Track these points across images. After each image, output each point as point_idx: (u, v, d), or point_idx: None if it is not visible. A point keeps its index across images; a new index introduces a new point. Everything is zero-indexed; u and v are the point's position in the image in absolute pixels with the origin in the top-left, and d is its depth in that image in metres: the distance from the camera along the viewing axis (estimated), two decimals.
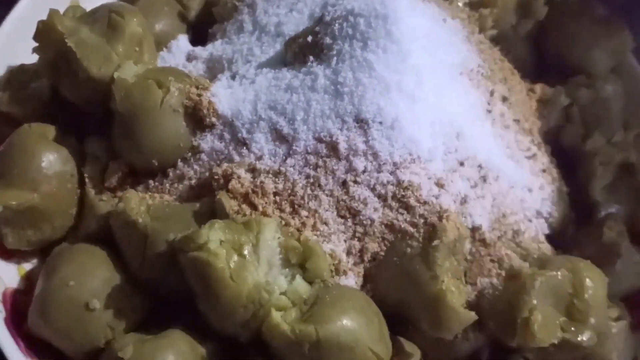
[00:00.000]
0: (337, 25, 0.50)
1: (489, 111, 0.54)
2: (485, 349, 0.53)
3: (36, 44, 0.53)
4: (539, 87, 0.61)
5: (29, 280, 0.53)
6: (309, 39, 0.51)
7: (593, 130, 0.61)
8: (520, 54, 0.66)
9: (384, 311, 0.47)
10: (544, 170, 0.57)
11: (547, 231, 0.56)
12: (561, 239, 0.58)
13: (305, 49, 0.51)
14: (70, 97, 0.53)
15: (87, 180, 0.51)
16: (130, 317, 0.47)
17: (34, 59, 0.56)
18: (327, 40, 0.50)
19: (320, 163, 0.48)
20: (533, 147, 0.57)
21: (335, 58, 0.49)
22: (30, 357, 0.47)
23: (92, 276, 0.47)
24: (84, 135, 0.54)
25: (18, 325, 0.49)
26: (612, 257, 0.55)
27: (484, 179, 0.52)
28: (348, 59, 0.49)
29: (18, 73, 0.57)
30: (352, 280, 0.48)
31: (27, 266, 0.53)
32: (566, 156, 0.61)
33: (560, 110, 0.62)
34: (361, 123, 0.48)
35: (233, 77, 0.53)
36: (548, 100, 0.61)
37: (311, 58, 0.50)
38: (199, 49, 0.58)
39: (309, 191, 0.48)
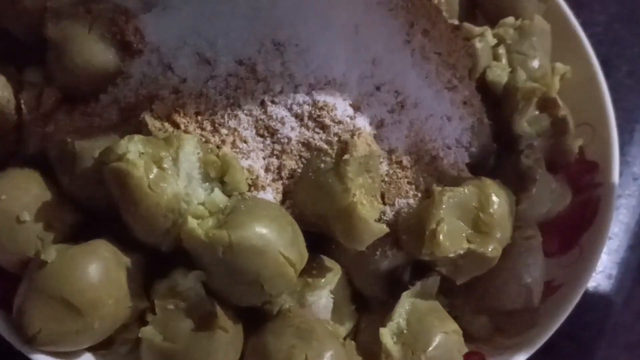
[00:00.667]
0: None
1: (408, 41, 0.56)
2: (406, 270, 0.56)
3: None
4: (464, 26, 0.64)
5: None
6: None
7: (517, 68, 0.64)
8: None
9: (305, 228, 0.50)
10: (465, 102, 0.60)
11: (467, 160, 0.59)
12: (483, 168, 0.61)
13: None
14: (11, 29, 0.56)
15: (23, 106, 0.54)
16: (59, 230, 0.50)
17: None
18: None
19: (240, 84, 0.51)
20: (454, 79, 0.60)
21: None
22: None
23: (23, 192, 0.50)
24: (24, 66, 0.56)
25: None
26: (528, 184, 0.58)
27: (401, 104, 0.55)
28: None
29: None
30: (270, 195, 0.51)
31: None
32: (492, 92, 0.64)
33: (487, 49, 0.65)
34: (278, 45, 0.51)
35: (163, 9, 0.55)
36: (473, 39, 0.64)
37: None
38: None
39: (229, 111, 0.51)
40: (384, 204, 0.53)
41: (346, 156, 0.49)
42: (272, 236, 0.47)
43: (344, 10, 0.52)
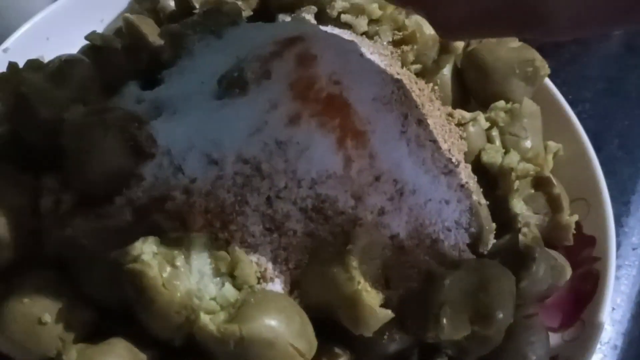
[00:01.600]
0: (256, 62, 0.57)
1: (404, 132, 0.59)
2: (414, 353, 0.57)
3: None
4: (457, 112, 0.68)
5: None
6: (235, 74, 0.57)
7: (510, 149, 0.67)
8: (444, 86, 0.72)
9: (313, 316, 0.52)
10: (462, 185, 0.63)
11: (467, 240, 0.61)
12: (483, 248, 0.63)
13: (232, 84, 0.57)
14: (28, 139, 0.59)
15: (42, 211, 0.57)
16: (78, 330, 0.52)
17: None
18: (249, 75, 0.56)
19: (246, 182, 0.54)
20: (450, 164, 0.62)
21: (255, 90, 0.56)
22: None
23: (43, 294, 0.52)
24: (41, 173, 0.59)
25: None
26: (528, 262, 0.60)
27: (400, 192, 0.57)
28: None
29: None
30: (278, 286, 0.53)
31: None
32: (487, 174, 0.67)
33: (480, 133, 0.68)
34: (280, 144, 0.54)
35: (173, 113, 0.59)
36: (466, 124, 0.67)
37: (237, 91, 0.57)
38: (147, 93, 0.64)
39: (237, 207, 0.53)
40: (388, 288, 0.55)
41: (349, 246, 0.51)
42: (282, 328, 0.49)
43: None
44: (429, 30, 0.71)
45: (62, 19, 0.75)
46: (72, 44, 0.72)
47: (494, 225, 0.64)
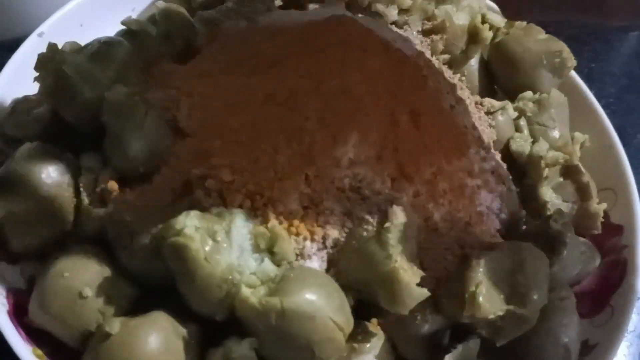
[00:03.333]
0: None
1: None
2: (446, 334, 0.58)
3: (37, 74, 0.61)
4: (486, 101, 0.68)
5: (29, 282, 0.58)
6: None
7: (539, 138, 0.68)
8: (471, 76, 0.73)
9: (349, 295, 0.53)
10: (492, 172, 0.63)
11: (498, 226, 0.62)
12: (513, 234, 0.63)
13: None
14: (68, 119, 0.60)
15: (81, 189, 0.58)
16: (119, 304, 0.53)
17: (35, 92, 0.64)
18: None
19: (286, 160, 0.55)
20: (482, 150, 0.63)
21: None
22: (30, 344, 0.53)
23: (84, 269, 0.53)
24: (80, 152, 0.60)
25: (19, 318, 0.55)
26: (559, 247, 0.61)
27: (434, 174, 0.58)
28: None
29: (22, 102, 0.64)
30: (316, 263, 0.54)
31: (29, 270, 0.59)
32: (516, 162, 0.68)
33: (508, 122, 0.69)
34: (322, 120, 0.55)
35: None
36: (495, 112, 0.68)
37: None
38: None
39: (276, 185, 0.54)
40: (423, 269, 0.56)
41: (387, 224, 0.52)
42: (322, 302, 0.49)
43: None
44: (458, 20, 0.72)
45: (95, 6, 0.76)
46: (105, 31, 0.72)
47: (523, 212, 0.65)
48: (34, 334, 0.54)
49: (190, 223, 0.50)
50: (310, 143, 0.54)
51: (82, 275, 0.53)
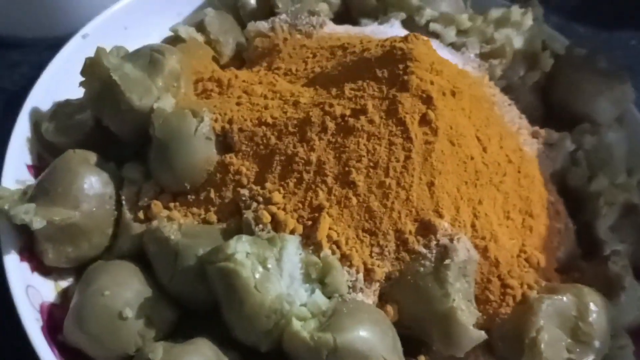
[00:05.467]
0: None
1: None
2: None
3: (82, 79, 0.58)
4: (544, 131, 0.65)
5: (64, 296, 0.56)
6: None
7: (597, 173, 0.65)
8: (527, 103, 0.70)
9: (400, 332, 0.50)
10: (551, 207, 0.60)
11: (555, 265, 0.59)
12: (569, 273, 0.60)
13: None
14: (112, 127, 0.58)
15: (123, 202, 0.55)
16: (159, 327, 0.50)
17: (77, 94, 0.62)
18: None
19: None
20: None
21: None
22: None
23: (125, 287, 0.50)
24: (123, 162, 0.58)
25: (53, 335, 0.52)
26: (617, 290, 0.57)
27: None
28: None
29: (63, 106, 0.62)
30: (368, 297, 0.51)
31: (64, 284, 0.57)
32: (572, 196, 0.65)
33: (566, 154, 0.66)
34: None
35: None
36: (553, 144, 0.65)
37: None
38: None
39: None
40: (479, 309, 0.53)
41: (447, 261, 0.49)
42: (375, 340, 0.47)
43: None
44: (518, 44, 0.69)
45: (140, 9, 0.74)
46: (149, 35, 0.71)
47: (579, 250, 0.62)
48: (68, 353, 0.51)
49: (241, 248, 0.47)
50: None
51: (123, 295, 0.50)
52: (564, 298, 0.51)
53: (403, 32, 0.63)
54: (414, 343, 0.52)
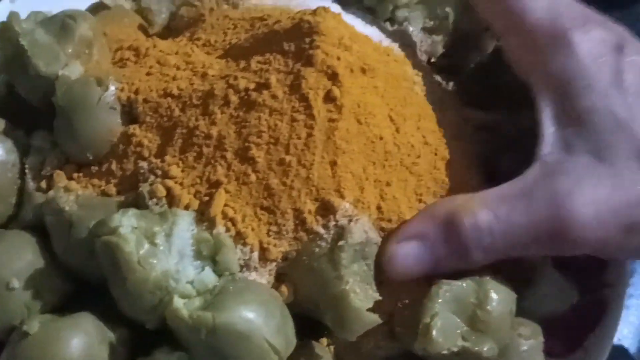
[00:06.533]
0: None
1: None
2: None
3: None
4: (475, 113, 0.63)
5: None
6: None
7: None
8: (469, 83, 0.68)
9: (297, 312, 0.49)
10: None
11: None
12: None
13: None
14: (22, 94, 0.57)
15: (27, 171, 0.54)
16: (47, 299, 0.49)
17: None
18: None
19: None
20: None
21: None
22: None
23: (16, 258, 0.50)
24: (34, 131, 0.57)
25: None
26: (534, 280, 0.56)
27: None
28: None
29: None
30: (262, 277, 0.50)
31: None
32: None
33: (499, 138, 0.64)
34: None
35: None
36: (485, 127, 0.63)
37: None
38: None
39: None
40: (380, 293, 0.52)
41: (341, 242, 0.48)
42: (259, 321, 0.45)
43: None
44: (463, 24, 0.67)
45: None
46: (81, 2, 0.69)
47: None
48: None
49: (126, 222, 0.46)
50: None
51: (12, 265, 0.49)
52: (464, 284, 0.50)
53: (335, 7, 0.61)
54: (317, 325, 0.52)
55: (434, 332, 0.48)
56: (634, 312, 0.68)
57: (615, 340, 0.58)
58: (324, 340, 0.53)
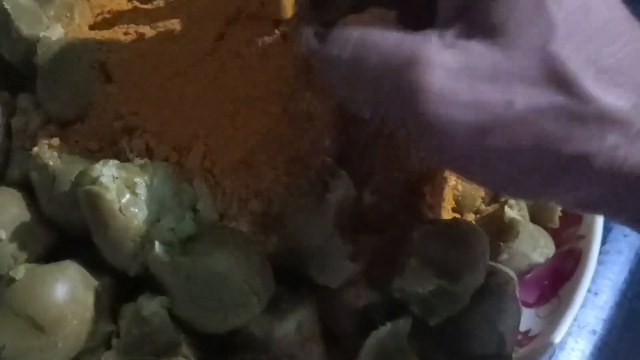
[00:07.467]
0: None
1: None
2: (380, 312, 0.55)
3: None
4: None
5: None
6: None
7: None
8: None
9: (278, 262, 0.51)
10: None
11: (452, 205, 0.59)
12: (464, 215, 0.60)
13: None
14: (6, 56, 0.58)
15: (13, 130, 0.56)
16: (33, 250, 0.51)
17: None
18: None
19: None
20: None
21: None
22: None
23: (3, 211, 0.51)
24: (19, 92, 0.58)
25: None
26: (511, 236, 0.57)
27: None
28: None
29: None
30: (242, 226, 0.51)
31: None
32: None
33: None
34: None
35: None
36: None
37: None
38: None
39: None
40: (359, 242, 0.53)
41: (327, 195, 0.49)
42: (238, 265, 0.47)
43: None
44: None
45: None
46: None
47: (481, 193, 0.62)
48: None
49: (107, 172, 0.48)
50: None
51: None
52: (441, 228, 0.52)
53: None
54: (299, 274, 0.53)
55: (409, 271, 0.49)
56: (612, 267, 0.69)
57: (592, 295, 0.60)
58: (304, 290, 0.54)
